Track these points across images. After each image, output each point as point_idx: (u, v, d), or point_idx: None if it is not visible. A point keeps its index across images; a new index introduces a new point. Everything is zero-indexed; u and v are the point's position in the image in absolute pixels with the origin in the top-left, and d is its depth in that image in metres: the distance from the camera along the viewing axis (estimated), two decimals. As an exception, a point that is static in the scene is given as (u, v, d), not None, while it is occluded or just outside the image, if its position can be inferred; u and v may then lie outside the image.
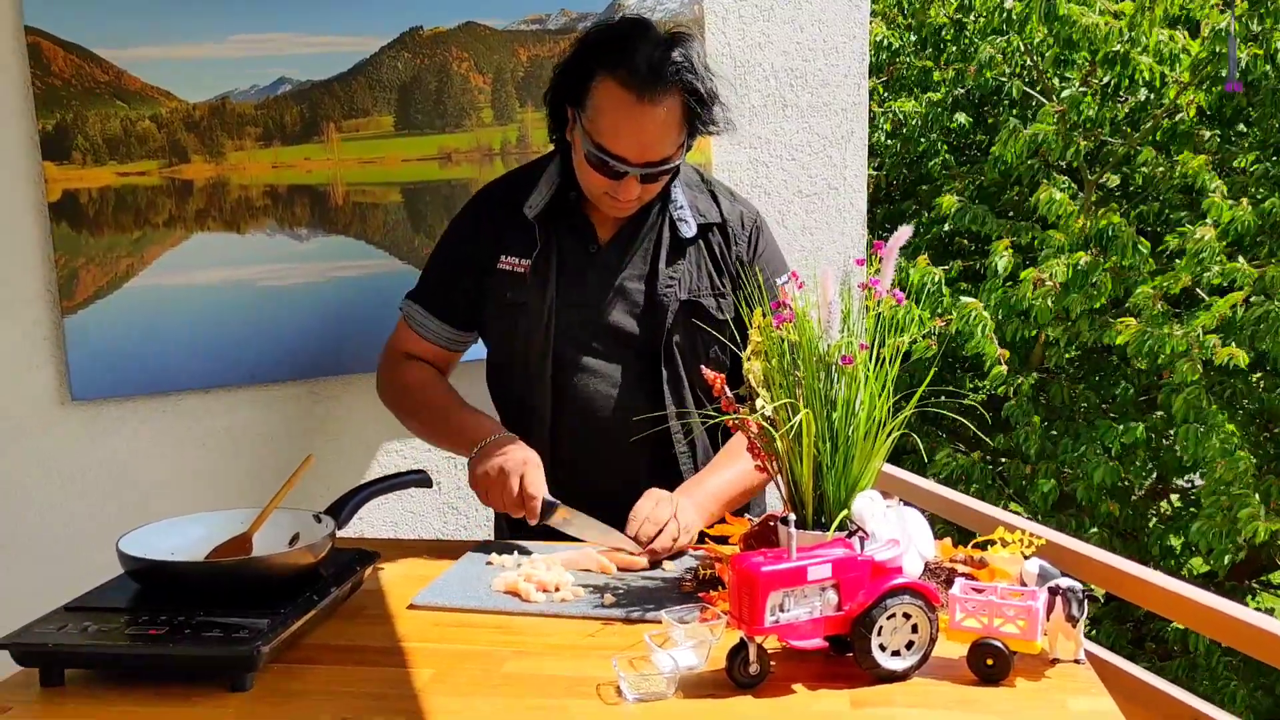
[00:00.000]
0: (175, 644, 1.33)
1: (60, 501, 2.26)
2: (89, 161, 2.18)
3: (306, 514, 1.65)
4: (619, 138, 1.76)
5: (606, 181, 1.81)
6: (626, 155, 1.77)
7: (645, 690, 1.28)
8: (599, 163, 1.78)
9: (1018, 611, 1.32)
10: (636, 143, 1.76)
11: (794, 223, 2.75)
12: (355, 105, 2.36)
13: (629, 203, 1.84)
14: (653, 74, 1.73)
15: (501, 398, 2.02)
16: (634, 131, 1.76)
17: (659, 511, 1.72)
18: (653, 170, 1.79)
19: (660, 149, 1.78)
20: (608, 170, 1.79)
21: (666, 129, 1.77)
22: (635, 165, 1.78)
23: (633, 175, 1.79)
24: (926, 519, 1.51)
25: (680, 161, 1.85)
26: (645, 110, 1.74)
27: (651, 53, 1.73)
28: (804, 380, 1.43)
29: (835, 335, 1.44)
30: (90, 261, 2.20)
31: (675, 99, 1.75)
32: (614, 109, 1.75)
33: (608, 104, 1.76)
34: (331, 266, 2.38)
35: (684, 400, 1.90)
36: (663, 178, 1.84)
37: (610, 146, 1.77)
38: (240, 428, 2.38)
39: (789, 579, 1.28)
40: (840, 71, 2.74)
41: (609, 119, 1.76)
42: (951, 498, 2.49)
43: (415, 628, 1.52)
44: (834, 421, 1.43)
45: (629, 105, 1.74)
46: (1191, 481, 6.47)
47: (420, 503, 2.55)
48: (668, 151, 1.79)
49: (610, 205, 1.86)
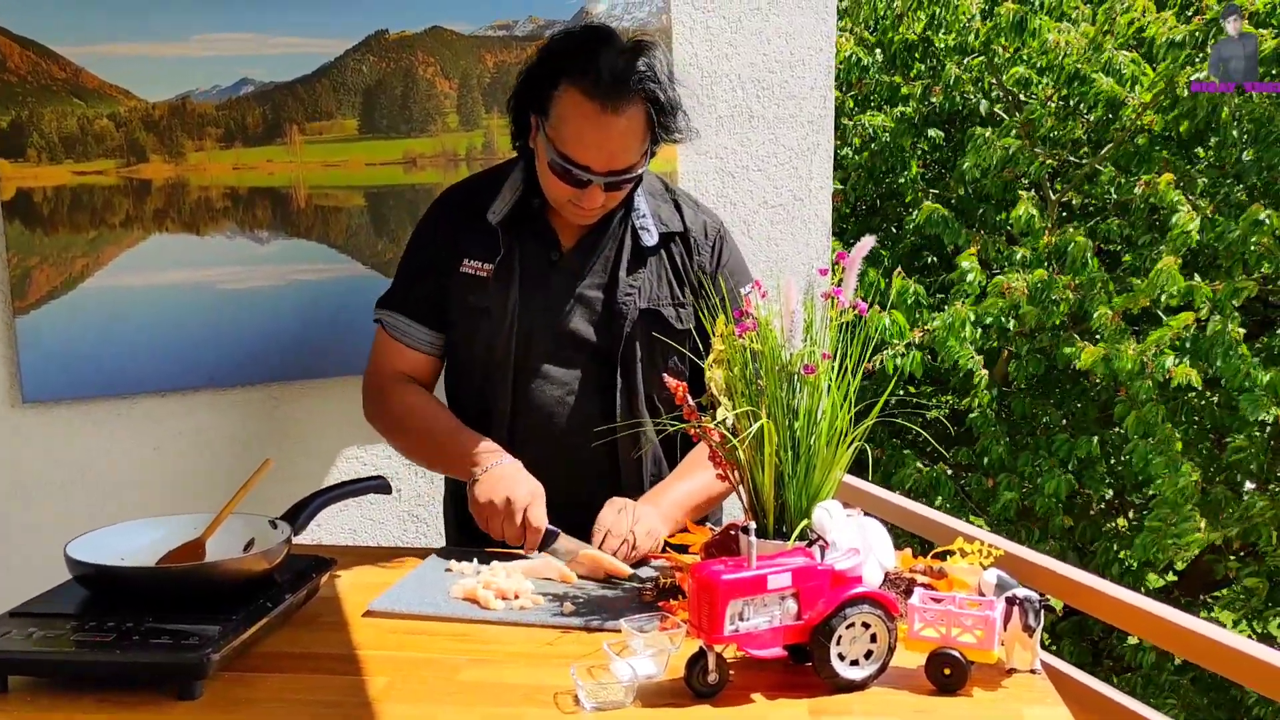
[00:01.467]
0: (123, 651, 1.30)
1: (8, 505, 2.22)
2: (44, 160, 2.15)
3: (262, 519, 1.63)
4: (583, 147, 1.76)
5: (570, 190, 1.80)
6: (590, 164, 1.77)
7: (603, 699, 1.27)
8: (562, 171, 1.78)
9: (975, 621, 1.32)
10: (600, 152, 1.76)
11: (759, 233, 2.76)
12: (319, 108, 2.34)
13: (592, 210, 1.84)
14: (616, 83, 1.73)
15: (460, 400, 2.01)
16: (598, 141, 1.76)
17: (620, 523, 1.73)
18: (616, 179, 1.79)
19: (624, 158, 1.78)
20: (571, 179, 1.79)
21: (630, 138, 1.77)
22: (599, 174, 1.78)
23: (596, 184, 1.79)
24: (887, 529, 1.51)
25: (643, 170, 1.85)
26: (609, 120, 1.74)
27: (615, 62, 1.73)
28: (766, 389, 1.43)
29: (798, 344, 1.44)
30: (44, 261, 2.17)
31: (638, 108, 1.75)
32: (577, 118, 1.75)
33: (571, 113, 1.76)
34: (293, 270, 2.36)
35: (637, 409, 1.89)
36: (626, 186, 1.84)
37: (574, 155, 1.76)
38: (198, 431, 2.34)
39: (749, 587, 1.28)
40: (807, 84, 2.76)
41: (572, 128, 1.76)
42: (911, 508, 2.50)
43: (371, 635, 1.50)
44: (795, 430, 1.43)
45: (593, 115, 1.74)
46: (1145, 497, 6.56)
47: (380, 509, 2.52)
48: (631, 160, 1.79)
49: (573, 213, 1.86)
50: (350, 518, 2.50)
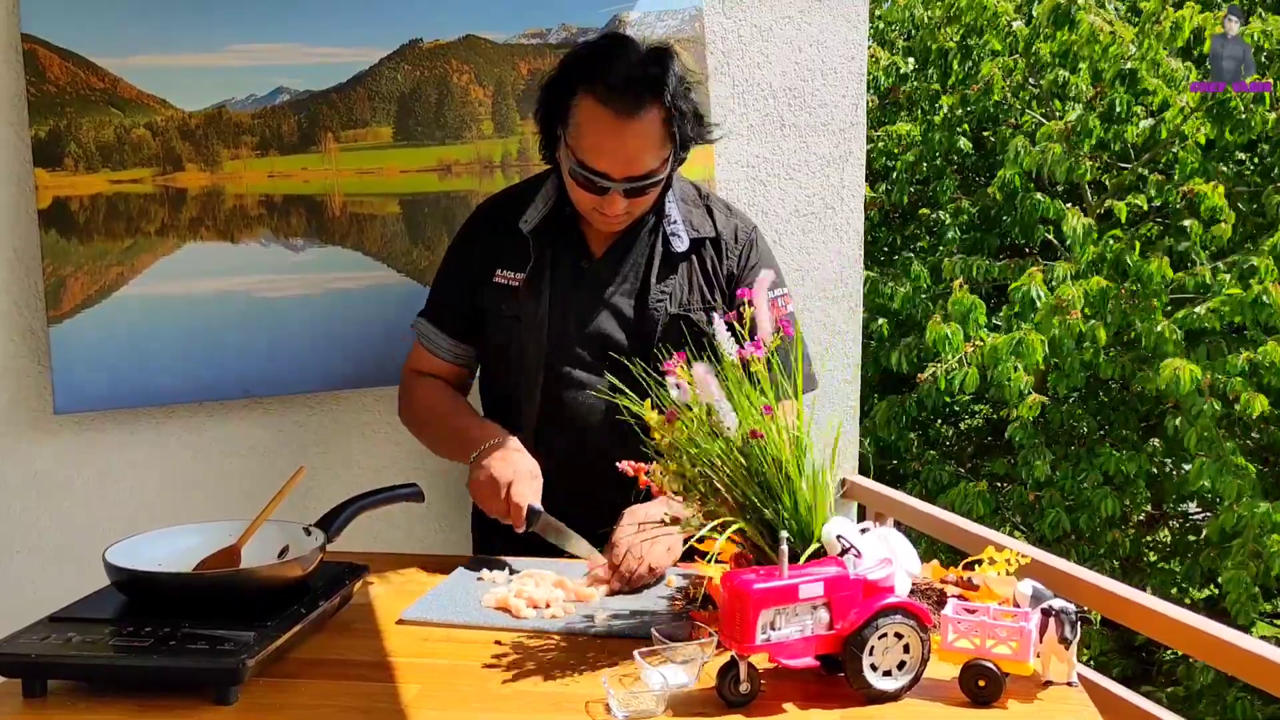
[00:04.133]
0: (160, 656, 1.31)
1: (44, 513, 2.25)
2: (81, 169, 2.18)
3: (296, 526, 1.63)
4: (599, 154, 1.78)
5: (592, 198, 1.82)
6: (608, 171, 1.79)
7: (634, 708, 1.26)
8: (582, 179, 1.81)
9: (1010, 633, 1.31)
10: (617, 158, 1.78)
11: (791, 242, 2.75)
12: (354, 116, 2.36)
13: (617, 217, 1.85)
14: (629, 89, 1.75)
15: (492, 404, 2.04)
16: (613, 148, 1.78)
17: (636, 543, 1.69)
18: (635, 185, 1.80)
19: (641, 163, 1.79)
20: (591, 186, 1.80)
21: (646, 143, 1.78)
22: (617, 181, 1.79)
23: (615, 191, 1.80)
24: (913, 539, 1.49)
25: (666, 175, 1.86)
26: (623, 125, 1.76)
27: (628, 69, 1.76)
28: (729, 492, 1.38)
29: (733, 421, 1.38)
30: (79, 270, 2.20)
31: (654, 113, 1.77)
32: (593, 126, 1.77)
33: (587, 121, 1.78)
34: (327, 278, 2.37)
35: None
36: (650, 191, 1.85)
37: (592, 163, 1.78)
38: (232, 440, 2.36)
39: (781, 597, 1.27)
40: (838, 92, 2.75)
41: (589, 136, 1.78)
42: (940, 516, 2.48)
43: (404, 643, 1.51)
44: (773, 487, 1.38)
45: (607, 121, 1.76)
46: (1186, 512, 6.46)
47: (412, 517, 2.53)
48: (650, 165, 1.80)
49: (599, 220, 1.87)
50: (382, 525, 2.50)
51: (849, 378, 2.84)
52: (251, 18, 2.25)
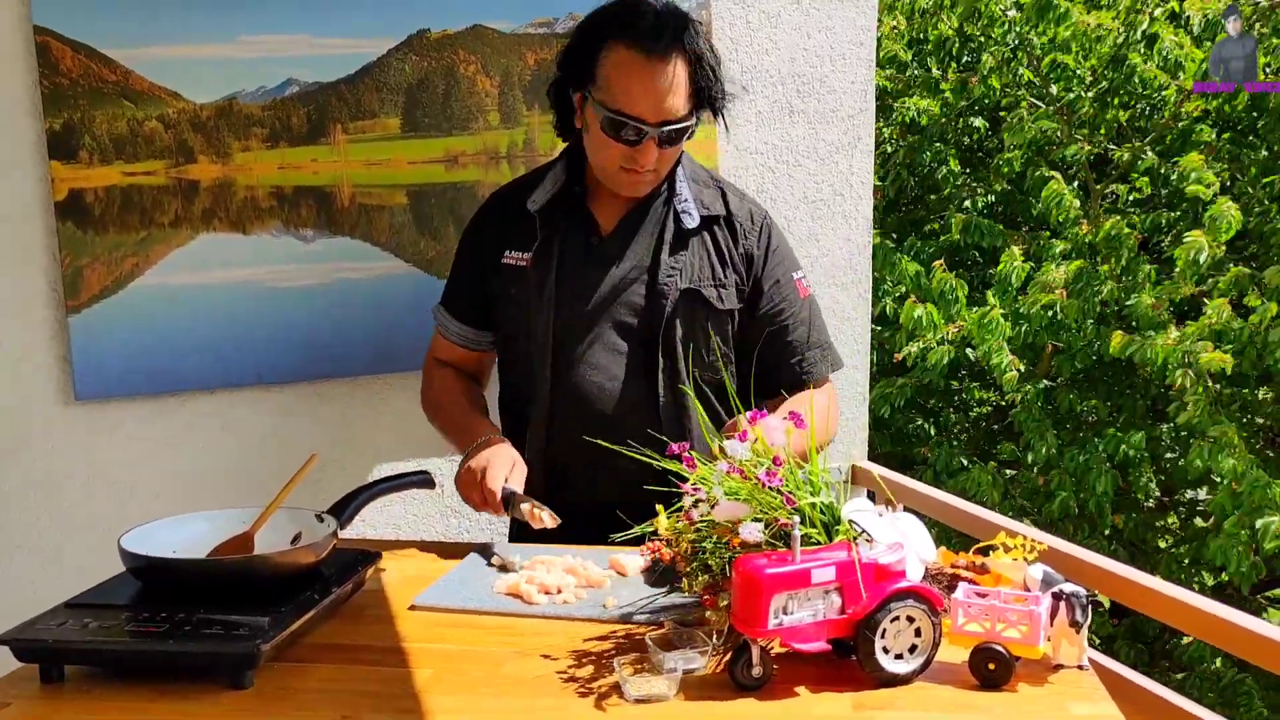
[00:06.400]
0: (176, 641, 1.32)
1: (61, 500, 2.27)
2: (95, 161, 2.19)
3: (309, 513, 1.65)
4: (634, 98, 1.80)
5: (624, 151, 1.83)
6: (644, 115, 1.80)
7: (646, 692, 1.27)
8: (616, 127, 1.81)
9: (1020, 616, 1.31)
10: (650, 99, 1.80)
11: (800, 229, 2.75)
12: (362, 107, 2.36)
13: (645, 171, 1.86)
14: (659, 31, 1.78)
15: (509, 386, 2.06)
16: (647, 90, 1.79)
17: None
18: (670, 129, 1.82)
19: (674, 106, 1.81)
20: (627, 133, 1.81)
21: (677, 85, 1.81)
22: (652, 125, 1.81)
23: (651, 137, 1.81)
24: (927, 525, 1.50)
25: (694, 125, 1.87)
26: (656, 66, 1.78)
27: (655, 16, 1.80)
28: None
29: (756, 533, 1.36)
30: (95, 261, 2.21)
31: (682, 57, 1.81)
32: (626, 71, 1.79)
33: (619, 68, 1.80)
34: (337, 268, 2.38)
35: (680, 393, 1.90)
36: (678, 141, 1.86)
37: (626, 108, 1.80)
38: (244, 428, 2.38)
39: (792, 581, 1.27)
40: (847, 78, 2.75)
41: (622, 82, 1.80)
42: (954, 503, 2.48)
43: (416, 628, 1.52)
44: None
45: (640, 64, 1.78)
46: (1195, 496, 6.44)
47: (423, 504, 2.54)
48: (681, 110, 1.82)
49: (628, 181, 1.88)
50: (395, 512, 2.52)
51: (858, 364, 2.85)
52: (260, 10, 2.25)
